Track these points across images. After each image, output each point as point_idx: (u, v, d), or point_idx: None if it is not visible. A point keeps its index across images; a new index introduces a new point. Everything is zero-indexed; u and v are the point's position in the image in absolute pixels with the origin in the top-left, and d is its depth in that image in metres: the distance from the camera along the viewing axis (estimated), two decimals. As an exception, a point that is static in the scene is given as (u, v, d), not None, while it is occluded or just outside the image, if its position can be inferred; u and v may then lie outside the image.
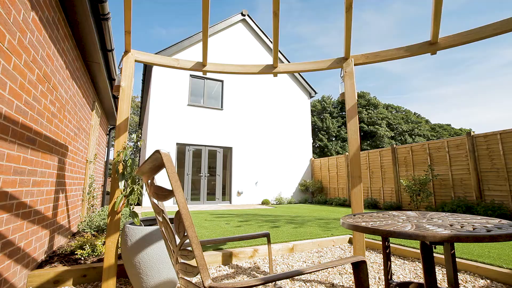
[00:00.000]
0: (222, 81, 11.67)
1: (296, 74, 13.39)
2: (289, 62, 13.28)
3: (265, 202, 11.24)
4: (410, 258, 3.39)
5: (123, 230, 2.50)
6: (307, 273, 0.85)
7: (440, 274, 2.88)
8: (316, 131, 31.25)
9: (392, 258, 3.47)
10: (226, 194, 11.20)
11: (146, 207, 9.13)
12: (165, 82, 10.49)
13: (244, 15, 12.45)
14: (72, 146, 3.78)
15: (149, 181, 0.95)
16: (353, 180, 2.66)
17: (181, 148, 10.63)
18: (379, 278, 2.83)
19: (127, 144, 2.63)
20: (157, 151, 0.77)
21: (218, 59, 11.40)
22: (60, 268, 2.61)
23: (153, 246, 2.35)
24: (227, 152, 11.44)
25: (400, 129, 32.84)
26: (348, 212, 8.02)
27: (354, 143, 2.71)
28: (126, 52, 2.76)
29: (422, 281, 2.68)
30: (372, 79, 65.18)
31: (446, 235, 1.00)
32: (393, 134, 31.91)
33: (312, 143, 29.75)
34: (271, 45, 13.00)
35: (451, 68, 63.31)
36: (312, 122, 31.34)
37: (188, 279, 0.89)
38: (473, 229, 1.14)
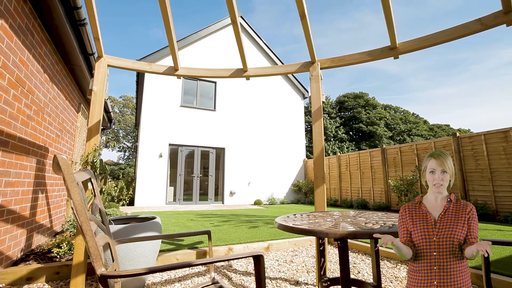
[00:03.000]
0: (215, 82, 11.77)
1: (290, 76, 13.47)
2: (283, 63, 13.37)
3: (257, 203, 11.33)
4: (379, 257, 3.47)
5: (92, 229, 2.59)
6: (197, 265, 0.93)
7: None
8: (314, 131, 31.21)
9: (363, 257, 3.56)
10: (218, 195, 11.30)
11: (138, 207, 9.24)
12: (158, 83, 10.60)
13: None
14: (54, 147, 3.88)
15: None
16: (317, 180, 2.74)
17: (174, 149, 10.73)
18: (338, 275, 2.91)
19: (98, 146, 2.73)
20: (55, 156, 0.86)
21: (211, 60, 11.50)
22: (33, 265, 2.70)
23: (120, 244, 2.45)
24: (220, 152, 11.54)
25: (399, 129, 32.89)
26: (336, 212, 8.10)
27: (319, 144, 2.80)
28: (99, 57, 2.86)
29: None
30: (371, 79, 65.16)
31: (344, 233, 1.09)
32: (391, 134, 31.94)
33: (310, 144, 29.83)
34: (265, 47, 13.10)
35: (449, 69, 63.20)
36: (310, 122, 31.36)
37: (96, 269, 0.98)
38: (380, 227, 1.22)
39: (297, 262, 3.39)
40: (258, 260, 1.00)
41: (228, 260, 0.99)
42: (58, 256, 3.03)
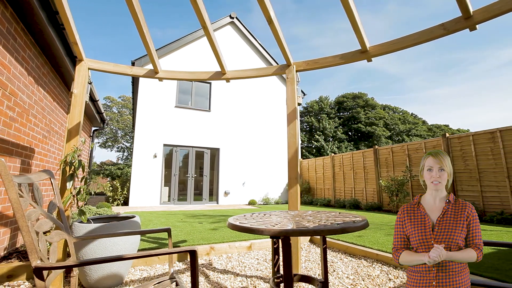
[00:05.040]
0: (210, 83, 11.85)
1: (285, 76, 13.51)
2: (278, 64, 13.43)
3: (252, 203, 11.40)
4: (357, 256, 3.54)
5: (70, 227, 2.67)
6: (127, 259, 1.00)
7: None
8: (312, 131, 31.33)
9: (342, 256, 3.62)
10: (213, 195, 11.37)
11: (132, 207, 9.31)
12: (153, 84, 10.68)
13: (232, 18, 12.63)
14: (41, 148, 3.96)
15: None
16: (290, 181, 2.81)
17: (168, 149, 10.81)
18: (318, 275, 2.98)
19: (77, 147, 2.80)
20: (-9, 158, 0.93)
21: (204, 62, 11.56)
22: (15, 263, 2.78)
23: (96, 242, 2.52)
24: (215, 153, 11.62)
25: (398, 130, 32.94)
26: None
27: (292, 145, 2.86)
28: (79, 60, 2.94)
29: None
30: (369, 79, 65.02)
31: (277, 231, 1.16)
32: (390, 134, 31.97)
33: (309, 144, 29.88)
34: (260, 47, 13.16)
35: (448, 69, 63.04)
36: (309, 122, 31.48)
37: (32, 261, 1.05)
38: (317, 225, 1.29)
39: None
40: (193, 255, 1.07)
41: (162, 254, 1.06)
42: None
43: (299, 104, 3.04)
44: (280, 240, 1.36)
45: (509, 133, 5.96)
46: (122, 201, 10.19)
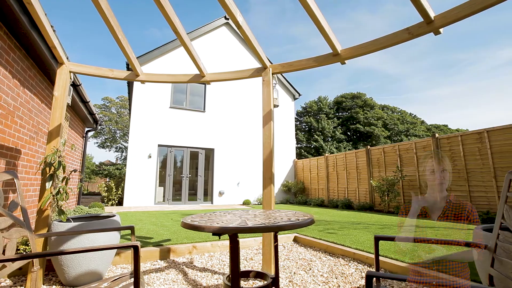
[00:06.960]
0: (205, 83, 11.92)
1: (280, 76, 13.60)
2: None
3: (246, 203, 11.47)
4: (336, 255, 3.61)
5: (50, 226, 2.75)
6: (68, 253, 1.07)
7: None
8: (311, 131, 31.37)
9: (322, 255, 3.69)
10: (208, 195, 11.45)
11: (126, 207, 9.40)
12: (148, 84, 10.77)
13: (227, 19, 12.70)
14: (28, 149, 4.04)
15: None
16: (265, 181, 2.88)
17: (163, 150, 10.90)
18: (289, 272, 3.05)
19: (58, 149, 2.88)
20: None
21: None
22: (-3, 261, 2.86)
23: (74, 240, 2.60)
24: (210, 153, 11.69)
25: (396, 130, 32.94)
26: (320, 213, 8.22)
27: (267, 146, 2.93)
28: (60, 64, 3.02)
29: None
30: (368, 79, 64.87)
31: (216, 228, 1.24)
32: (388, 134, 31.98)
33: (308, 144, 29.93)
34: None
35: (448, 69, 62.90)
36: (308, 122, 31.54)
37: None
38: (259, 223, 1.36)
39: (256, 260, 3.52)
40: (136, 250, 1.14)
41: (104, 249, 1.13)
42: (25, 253, 3.19)
43: (275, 106, 3.11)
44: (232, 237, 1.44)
45: (496, 134, 6.02)
46: (116, 201, 10.28)
